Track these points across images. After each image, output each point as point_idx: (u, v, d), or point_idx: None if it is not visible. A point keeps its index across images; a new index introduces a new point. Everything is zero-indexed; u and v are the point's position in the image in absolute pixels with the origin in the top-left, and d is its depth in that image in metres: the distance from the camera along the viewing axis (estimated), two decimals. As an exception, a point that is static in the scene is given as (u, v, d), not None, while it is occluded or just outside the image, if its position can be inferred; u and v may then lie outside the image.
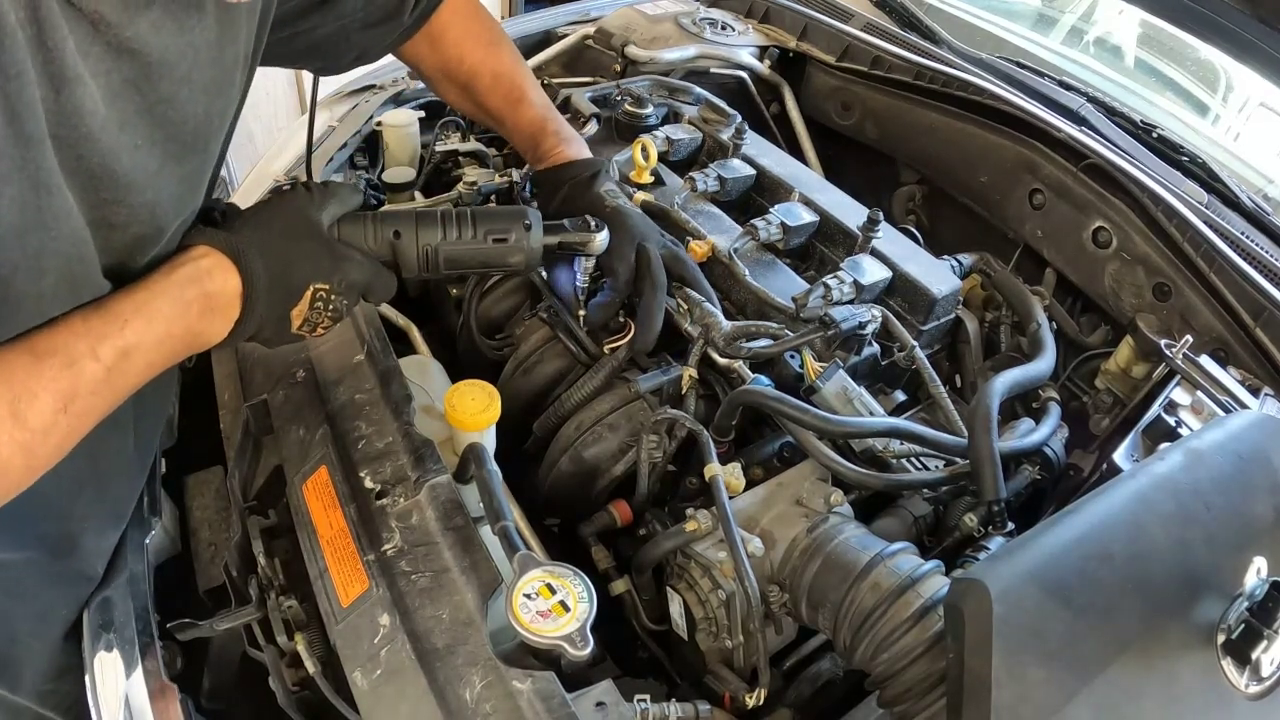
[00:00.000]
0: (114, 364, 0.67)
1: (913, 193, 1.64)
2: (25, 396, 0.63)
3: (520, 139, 1.15)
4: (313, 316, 0.80)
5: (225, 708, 0.97)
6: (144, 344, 0.69)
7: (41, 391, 0.63)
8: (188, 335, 0.73)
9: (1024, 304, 1.24)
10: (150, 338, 0.69)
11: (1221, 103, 2.12)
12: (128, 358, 0.68)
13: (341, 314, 0.82)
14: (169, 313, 0.71)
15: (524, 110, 1.13)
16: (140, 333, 0.69)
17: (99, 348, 0.66)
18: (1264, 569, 0.76)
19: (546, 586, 0.72)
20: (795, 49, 1.71)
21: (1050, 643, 0.66)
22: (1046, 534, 0.71)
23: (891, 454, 0.97)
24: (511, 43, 1.16)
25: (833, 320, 0.99)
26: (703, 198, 1.26)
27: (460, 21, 1.09)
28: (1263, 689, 0.73)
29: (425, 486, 0.84)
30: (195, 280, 0.73)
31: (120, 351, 0.67)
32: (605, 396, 1.04)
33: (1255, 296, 1.12)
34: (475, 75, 1.11)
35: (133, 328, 0.68)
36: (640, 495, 0.98)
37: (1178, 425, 1.03)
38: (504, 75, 1.13)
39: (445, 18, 1.07)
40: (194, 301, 0.72)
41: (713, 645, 0.86)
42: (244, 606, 0.90)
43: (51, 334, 0.66)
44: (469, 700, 0.70)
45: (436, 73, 1.13)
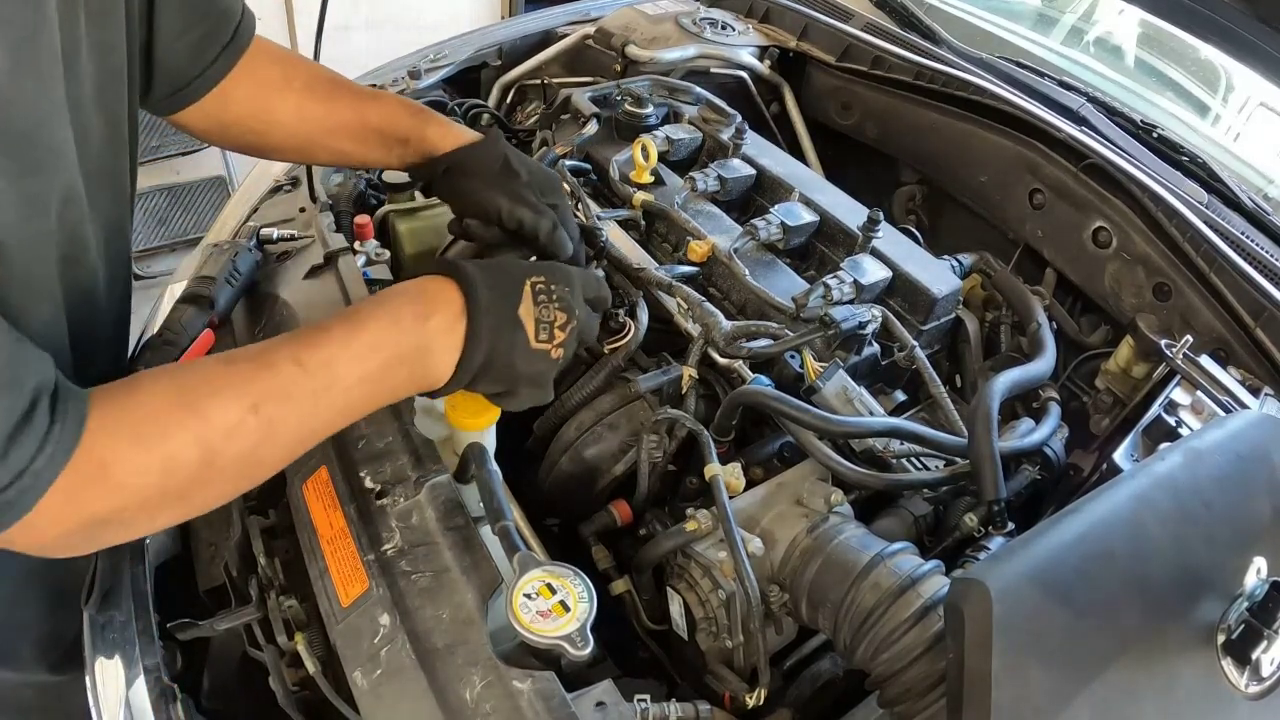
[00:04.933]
0: (316, 370, 0.64)
1: (913, 193, 1.64)
2: (205, 391, 0.61)
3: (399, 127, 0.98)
4: (542, 315, 0.75)
5: (225, 708, 0.97)
6: (349, 352, 0.66)
7: (227, 388, 0.61)
8: (403, 344, 0.69)
9: (1024, 304, 1.24)
10: (356, 345, 0.67)
11: (1221, 103, 2.11)
12: (331, 365, 0.65)
13: (569, 306, 0.76)
14: (378, 317, 0.69)
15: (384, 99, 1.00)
16: (345, 342, 0.66)
17: (301, 353, 0.64)
18: (1264, 569, 0.76)
19: (547, 586, 0.72)
20: (795, 49, 1.71)
21: (1050, 643, 0.66)
22: (1046, 534, 0.71)
23: (891, 454, 0.97)
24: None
25: (833, 320, 0.99)
26: (703, 198, 1.26)
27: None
28: (1263, 689, 0.73)
29: (425, 486, 0.84)
30: (406, 291, 0.71)
31: (324, 359, 0.65)
32: (605, 396, 1.04)
33: (1255, 296, 1.12)
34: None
35: (337, 336, 0.66)
36: (640, 495, 0.98)
37: (1178, 425, 1.03)
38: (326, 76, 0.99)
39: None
40: (406, 307, 0.70)
41: (713, 645, 0.86)
42: (244, 606, 0.90)
43: (252, 346, 0.65)
44: (469, 700, 0.70)
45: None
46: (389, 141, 0.97)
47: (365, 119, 0.96)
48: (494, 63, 1.80)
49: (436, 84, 1.66)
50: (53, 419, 0.55)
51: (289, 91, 0.94)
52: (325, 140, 0.97)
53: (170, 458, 0.59)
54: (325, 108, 0.95)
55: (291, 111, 0.94)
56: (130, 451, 0.58)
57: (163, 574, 1.00)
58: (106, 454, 0.57)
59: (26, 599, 1.01)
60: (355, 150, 0.98)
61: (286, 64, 0.95)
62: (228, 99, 0.91)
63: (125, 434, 0.58)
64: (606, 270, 1.18)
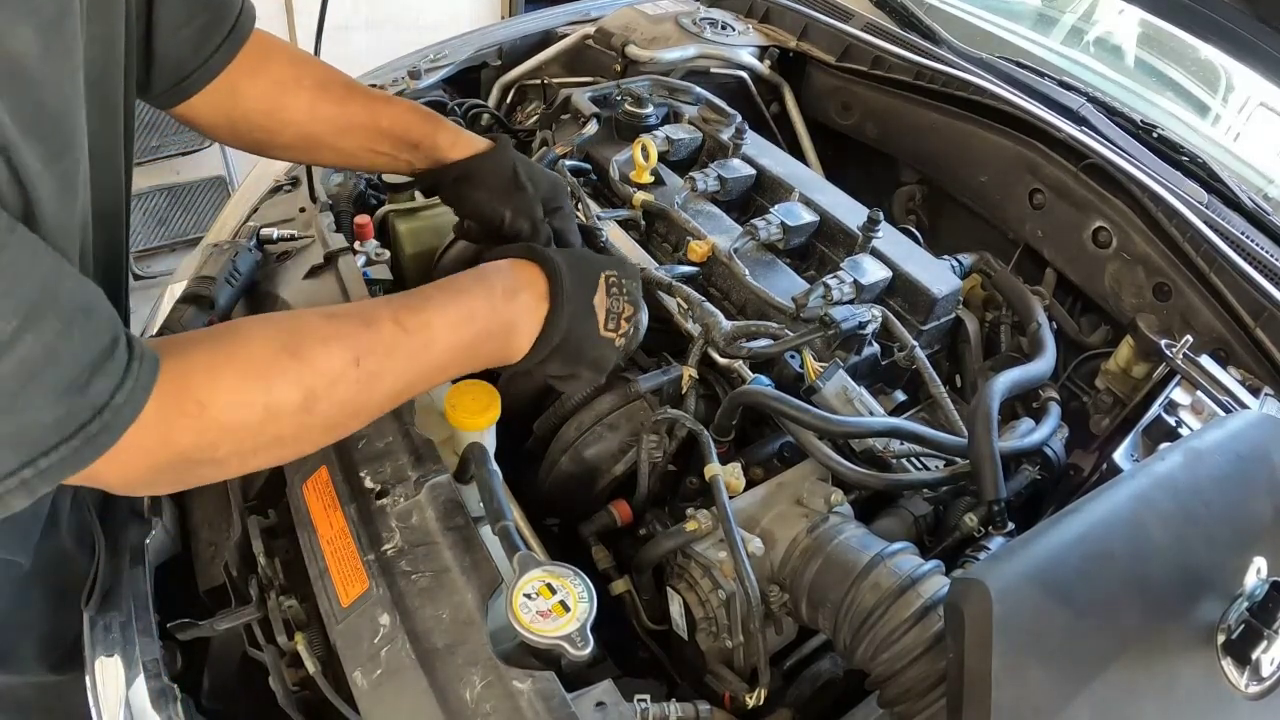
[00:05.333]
0: (415, 331, 0.69)
1: (913, 193, 1.64)
2: (312, 340, 0.64)
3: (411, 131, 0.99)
4: (613, 306, 0.83)
5: (225, 708, 0.97)
6: (446, 318, 0.72)
7: (333, 339, 0.65)
8: (494, 318, 0.76)
9: (1024, 304, 1.24)
10: (453, 313, 0.73)
11: (1221, 103, 2.11)
12: (429, 329, 0.71)
13: (636, 300, 0.86)
14: (474, 290, 0.75)
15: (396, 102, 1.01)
16: (443, 307, 0.72)
17: (401, 314, 0.69)
18: (1264, 569, 0.76)
19: (547, 586, 0.72)
20: (795, 49, 1.71)
21: (1050, 643, 0.66)
22: (1046, 534, 0.71)
23: (891, 454, 0.97)
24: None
25: (833, 320, 0.99)
26: (703, 198, 1.26)
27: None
28: (1263, 689, 0.73)
29: (425, 486, 0.84)
30: (499, 269, 0.78)
31: (423, 322, 0.70)
32: (605, 396, 1.04)
33: (1255, 296, 1.12)
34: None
35: (436, 302, 0.72)
36: (640, 495, 0.98)
37: (1178, 425, 1.03)
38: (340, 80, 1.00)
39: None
40: (499, 283, 0.76)
41: (713, 645, 0.86)
42: (244, 606, 0.90)
43: (349, 305, 0.72)
44: (469, 700, 0.70)
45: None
46: (399, 145, 0.97)
47: (377, 121, 0.96)
48: (494, 63, 1.80)
49: (436, 84, 1.66)
50: (130, 354, 0.56)
51: (301, 90, 0.94)
52: (335, 141, 0.97)
53: (274, 399, 0.62)
54: (338, 108, 0.95)
55: (304, 110, 0.94)
56: (234, 392, 0.61)
57: (163, 574, 1.00)
58: (204, 394, 0.59)
59: (28, 599, 1.01)
60: (363, 153, 0.98)
61: (300, 63, 0.96)
62: (238, 94, 0.91)
63: (230, 374, 0.61)
64: None
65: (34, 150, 0.55)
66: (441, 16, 3.87)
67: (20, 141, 0.53)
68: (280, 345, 0.63)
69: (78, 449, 0.53)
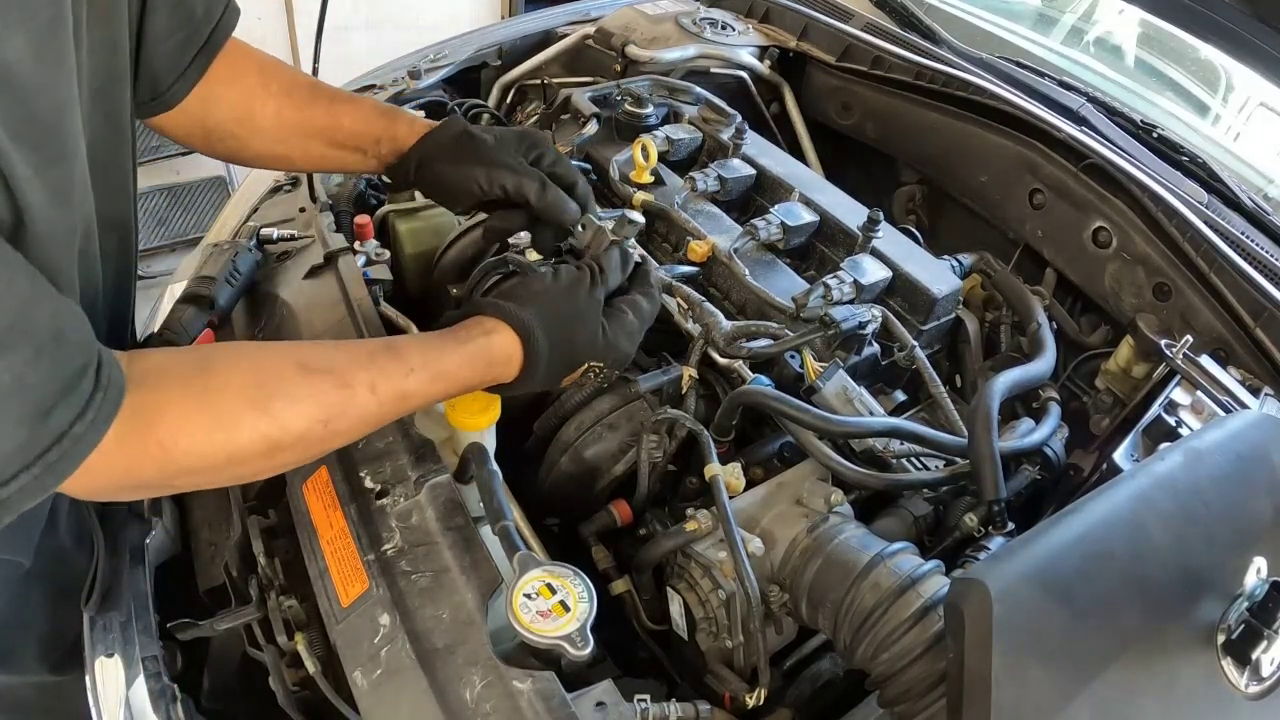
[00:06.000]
0: (389, 403, 0.71)
1: (913, 193, 1.63)
2: (284, 398, 0.65)
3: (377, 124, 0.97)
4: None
5: (225, 708, 0.97)
6: (421, 394, 0.74)
7: (306, 398, 0.67)
8: (463, 390, 0.79)
9: (1024, 304, 1.24)
10: (431, 392, 0.75)
11: (1221, 103, 2.11)
12: (402, 401, 0.73)
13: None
14: (454, 375, 0.76)
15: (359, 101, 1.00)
16: (422, 385, 0.73)
17: (379, 384, 0.70)
18: (1264, 569, 0.76)
19: (546, 586, 0.72)
20: (795, 49, 1.71)
21: (1050, 643, 0.66)
22: (1046, 534, 0.71)
23: (891, 454, 0.97)
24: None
25: (833, 320, 0.99)
26: (703, 197, 1.26)
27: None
28: (1263, 689, 0.73)
29: (425, 486, 0.85)
30: (485, 353, 0.77)
31: (399, 395, 0.72)
32: (605, 396, 1.04)
33: (1255, 296, 1.12)
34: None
35: (417, 378, 0.72)
36: (640, 495, 0.98)
37: (1178, 425, 1.03)
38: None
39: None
40: (477, 368, 0.77)
41: (713, 645, 0.86)
42: (244, 606, 0.90)
43: (326, 354, 0.70)
44: (469, 700, 0.70)
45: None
46: (364, 143, 0.96)
47: (339, 122, 0.95)
48: (494, 63, 1.80)
49: (436, 84, 1.66)
50: (97, 383, 0.57)
51: (269, 97, 0.93)
52: (303, 145, 0.96)
53: (238, 448, 0.64)
54: (301, 113, 0.95)
55: (271, 116, 0.94)
56: (199, 441, 0.62)
57: (163, 574, 1.00)
58: (168, 438, 0.61)
59: (27, 599, 1.01)
60: (332, 154, 0.97)
61: (268, 70, 0.95)
62: (211, 104, 0.91)
63: (197, 423, 0.62)
64: None
65: (25, 158, 0.55)
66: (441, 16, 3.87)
67: (10, 149, 0.54)
68: (251, 400, 0.64)
69: (39, 476, 0.54)
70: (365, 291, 1.08)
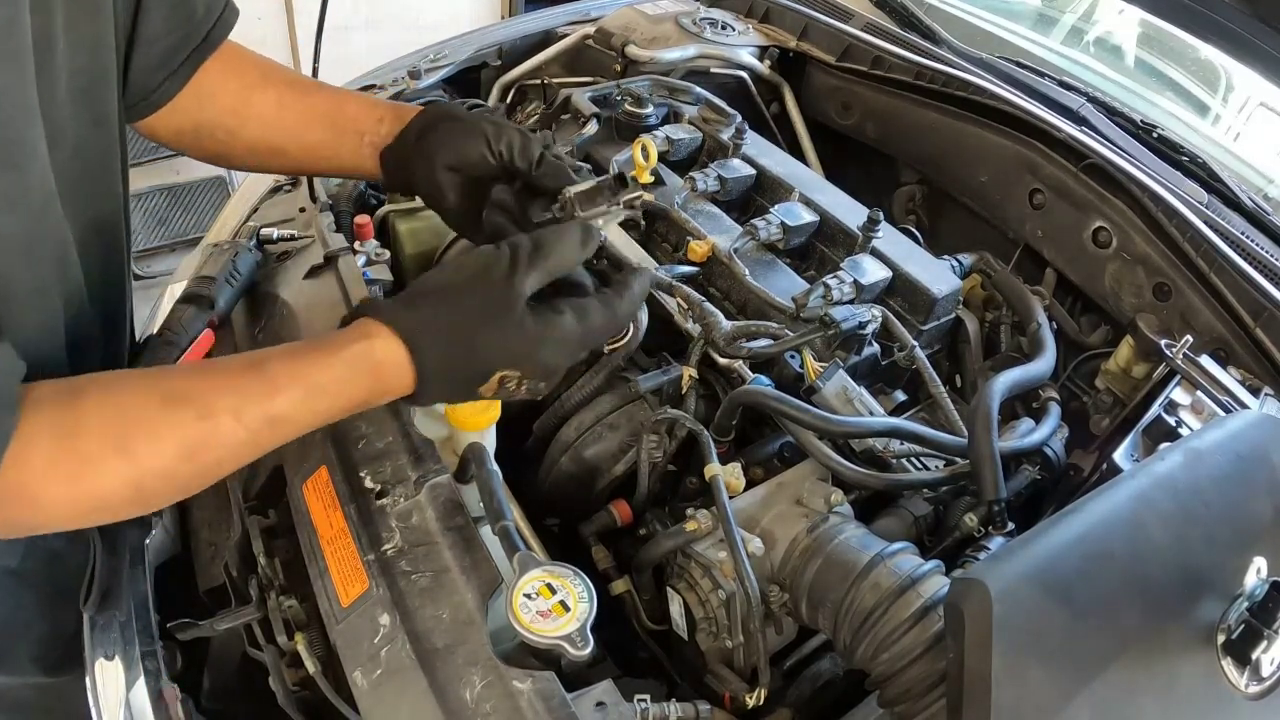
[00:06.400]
0: (259, 429, 0.64)
1: (913, 193, 1.63)
2: (143, 436, 0.61)
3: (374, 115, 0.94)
4: (502, 394, 0.72)
5: (225, 708, 0.97)
6: (298, 415, 0.66)
7: (167, 435, 0.62)
8: (353, 406, 0.69)
9: (1024, 304, 1.24)
10: (307, 411, 0.66)
11: (1221, 103, 2.11)
12: (276, 425, 0.65)
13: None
14: (332, 390, 0.67)
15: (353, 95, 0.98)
16: (294, 405, 0.65)
17: (244, 409, 0.64)
18: (1264, 569, 0.76)
19: (546, 586, 0.72)
20: (795, 49, 1.71)
21: (1050, 643, 0.66)
22: (1046, 534, 0.71)
23: (891, 454, 0.97)
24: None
25: (833, 320, 0.99)
26: (703, 197, 1.26)
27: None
28: (1263, 689, 0.73)
29: (425, 486, 0.84)
30: (365, 361, 0.67)
31: (268, 420, 0.65)
32: (605, 396, 1.04)
33: (1255, 296, 1.12)
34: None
35: (286, 398, 0.65)
36: (640, 495, 0.98)
37: (1178, 425, 1.03)
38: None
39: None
40: (361, 381, 0.67)
41: (713, 645, 0.86)
42: (244, 606, 0.90)
43: (186, 381, 0.65)
44: (469, 700, 0.70)
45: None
46: (366, 124, 0.92)
47: (343, 106, 0.94)
48: (494, 63, 1.80)
49: (436, 84, 1.66)
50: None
51: (269, 87, 0.92)
52: (301, 132, 0.93)
53: (104, 495, 0.62)
54: (305, 99, 0.94)
55: (271, 103, 0.92)
56: (65, 496, 0.61)
57: (163, 574, 1.00)
58: (37, 493, 0.60)
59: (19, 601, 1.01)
60: (330, 140, 0.94)
61: (268, 66, 0.95)
62: (206, 98, 0.89)
63: (60, 477, 0.60)
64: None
65: None
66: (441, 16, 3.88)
67: None
68: (114, 441, 0.61)
69: None
70: (365, 291, 1.08)
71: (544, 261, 0.71)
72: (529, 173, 0.84)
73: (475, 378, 0.70)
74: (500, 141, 0.84)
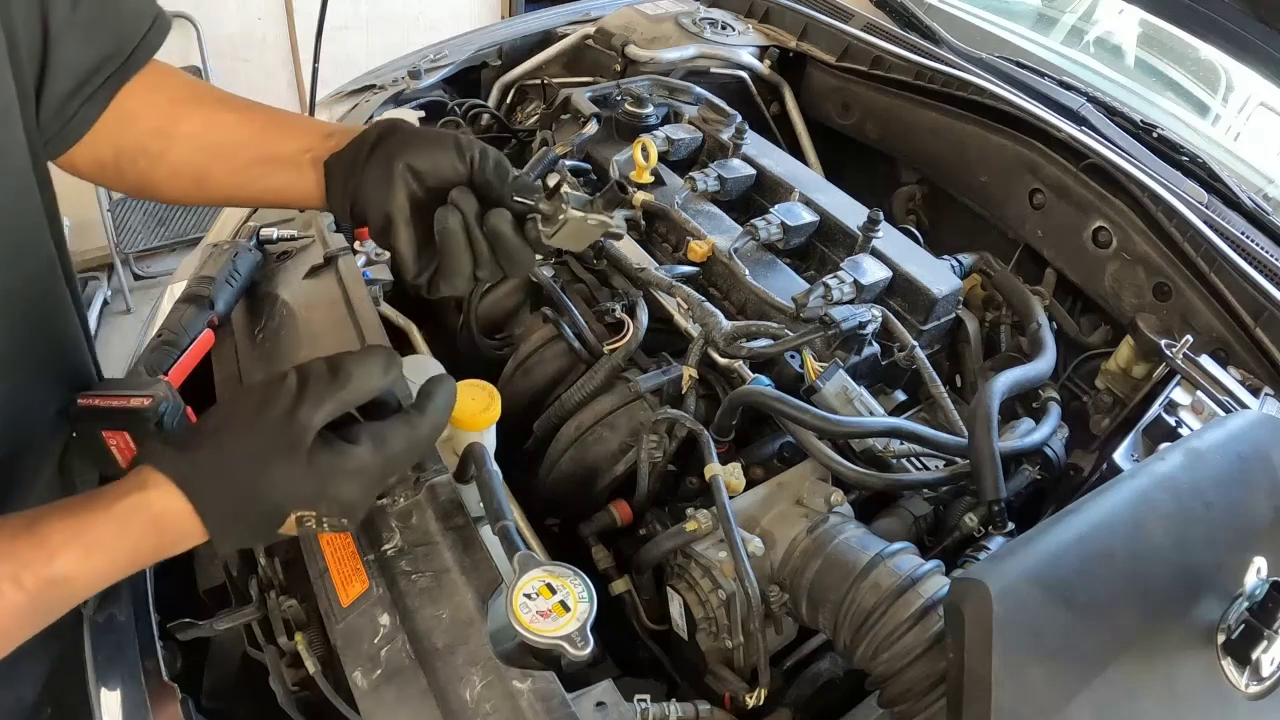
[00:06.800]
0: (40, 592, 0.59)
1: (913, 193, 1.64)
2: None
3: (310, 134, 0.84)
4: (305, 532, 0.67)
5: (225, 708, 0.97)
6: (80, 575, 0.60)
7: None
8: (141, 560, 0.63)
9: (1024, 304, 1.24)
10: (88, 570, 0.60)
11: (1221, 103, 2.11)
12: (59, 587, 0.59)
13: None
14: (111, 546, 0.61)
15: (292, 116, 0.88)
16: (75, 564, 0.59)
17: (22, 575, 0.58)
18: (1264, 569, 0.76)
19: (546, 586, 0.72)
20: (795, 49, 1.71)
21: (1050, 643, 0.66)
22: (1047, 534, 0.71)
23: (891, 454, 0.97)
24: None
25: (833, 320, 0.99)
26: (703, 197, 1.26)
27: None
28: (1263, 689, 0.73)
29: (425, 486, 0.84)
30: (143, 513, 0.61)
31: (48, 583, 0.58)
32: (605, 396, 1.04)
33: (1255, 296, 1.12)
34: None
35: (64, 558, 0.59)
36: (640, 495, 0.98)
37: (1178, 425, 1.03)
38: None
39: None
40: (141, 534, 0.61)
41: (713, 645, 0.86)
42: (244, 606, 0.90)
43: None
44: (469, 700, 0.70)
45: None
46: (312, 137, 0.82)
47: (284, 120, 0.85)
48: (494, 63, 1.80)
49: (436, 84, 1.66)
50: None
51: (200, 105, 0.84)
52: (233, 148, 0.83)
53: None
54: (240, 115, 0.84)
55: (201, 121, 0.83)
56: None
57: (163, 574, 1.00)
58: None
59: None
60: (264, 158, 0.83)
61: (199, 84, 0.87)
62: (128, 120, 0.80)
63: None
64: (606, 270, 1.18)
65: None
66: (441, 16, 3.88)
67: None
68: None
69: None
70: (365, 292, 1.08)
71: (339, 392, 0.64)
72: (499, 186, 0.76)
73: (267, 521, 0.65)
74: (471, 149, 0.76)
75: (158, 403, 0.80)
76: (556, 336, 1.10)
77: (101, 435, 0.81)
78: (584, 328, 1.08)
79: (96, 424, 0.80)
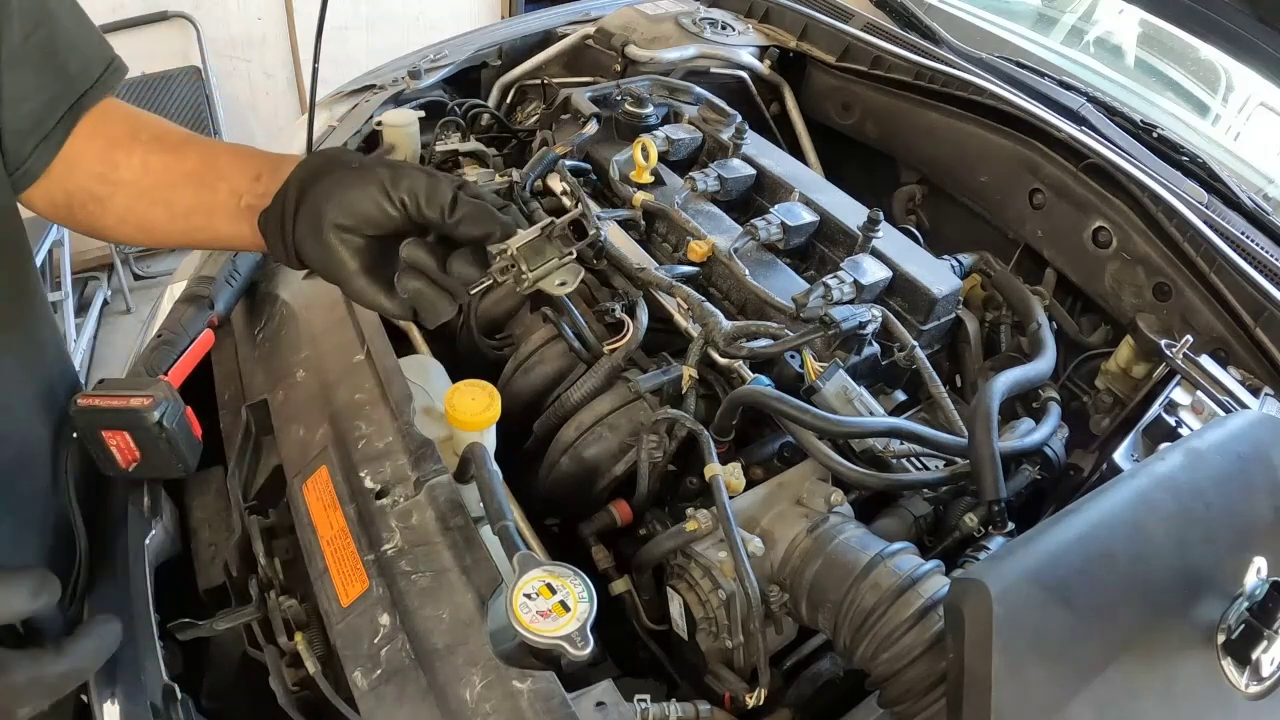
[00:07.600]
0: None
1: (913, 193, 1.64)
2: None
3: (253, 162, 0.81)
4: None
5: (225, 708, 0.97)
6: None
7: None
8: None
9: (1024, 304, 1.24)
10: None
11: (1221, 103, 2.11)
12: None
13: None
14: None
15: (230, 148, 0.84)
16: None
17: None
18: (1264, 569, 0.76)
19: (546, 586, 0.72)
20: (795, 49, 1.71)
21: (1050, 643, 0.66)
22: (1047, 534, 0.71)
23: (891, 454, 0.97)
24: None
25: (833, 320, 0.99)
26: (703, 197, 1.26)
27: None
28: (1263, 689, 0.73)
29: (425, 486, 0.85)
30: None
31: None
32: (605, 396, 1.04)
33: (1255, 296, 1.12)
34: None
35: None
36: (640, 495, 0.98)
37: (1178, 425, 1.03)
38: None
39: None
40: None
41: (713, 645, 0.86)
42: (244, 606, 0.90)
43: None
44: (469, 700, 0.70)
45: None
46: (241, 182, 0.79)
47: (214, 161, 0.81)
48: (494, 63, 1.80)
49: (436, 84, 1.66)
50: None
51: (136, 145, 0.81)
52: (168, 194, 0.81)
53: None
54: (171, 155, 0.81)
55: (137, 166, 0.80)
56: None
57: (163, 574, 1.00)
58: None
59: None
60: (201, 203, 0.80)
61: (137, 120, 0.84)
62: (74, 163, 0.79)
63: None
64: (606, 270, 1.18)
65: None
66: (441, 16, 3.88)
67: None
68: None
69: None
70: (365, 291, 1.08)
71: (69, 661, 0.62)
72: (442, 223, 0.70)
73: None
74: (399, 189, 0.69)
75: (157, 403, 0.81)
76: (556, 336, 1.10)
77: (101, 435, 0.81)
78: (584, 328, 1.08)
79: (96, 424, 0.81)
